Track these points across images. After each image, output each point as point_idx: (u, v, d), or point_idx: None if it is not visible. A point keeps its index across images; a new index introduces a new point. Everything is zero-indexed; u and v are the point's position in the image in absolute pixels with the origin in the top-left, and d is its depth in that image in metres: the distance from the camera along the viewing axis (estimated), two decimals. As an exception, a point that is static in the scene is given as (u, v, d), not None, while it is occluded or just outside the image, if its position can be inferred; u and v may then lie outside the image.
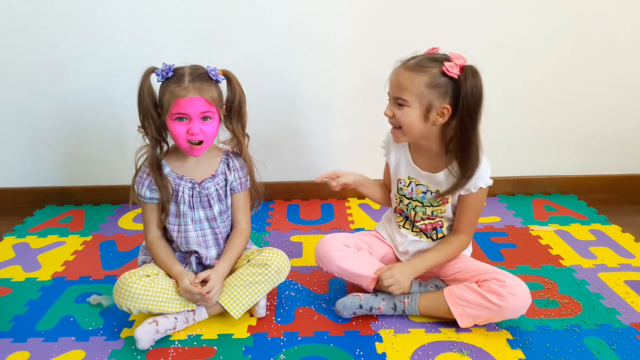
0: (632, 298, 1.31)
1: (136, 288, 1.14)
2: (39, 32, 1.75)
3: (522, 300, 1.12)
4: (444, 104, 1.10)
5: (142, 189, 1.25)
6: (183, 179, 1.25)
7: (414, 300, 1.23)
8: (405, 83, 1.11)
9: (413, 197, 1.26)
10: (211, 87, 1.17)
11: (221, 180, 1.28)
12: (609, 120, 1.91)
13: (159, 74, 1.16)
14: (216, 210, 1.28)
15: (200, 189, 1.25)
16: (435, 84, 1.09)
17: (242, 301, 1.20)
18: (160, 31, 1.74)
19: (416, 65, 1.10)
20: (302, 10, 1.72)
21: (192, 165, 1.27)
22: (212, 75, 1.18)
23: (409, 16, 1.71)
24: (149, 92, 1.17)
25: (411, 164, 1.25)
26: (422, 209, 1.26)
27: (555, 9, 1.75)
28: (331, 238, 1.30)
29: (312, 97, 1.85)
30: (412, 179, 1.26)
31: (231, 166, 1.29)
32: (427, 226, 1.27)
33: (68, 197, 1.99)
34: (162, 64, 1.18)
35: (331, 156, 1.94)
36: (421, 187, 1.24)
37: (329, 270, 1.28)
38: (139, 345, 1.13)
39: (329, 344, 1.16)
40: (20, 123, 1.88)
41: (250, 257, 1.25)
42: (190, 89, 1.14)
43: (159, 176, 1.22)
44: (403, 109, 1.13)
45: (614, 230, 1.69)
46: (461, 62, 1.08)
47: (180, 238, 1.27)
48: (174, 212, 1.26)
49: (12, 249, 1.66)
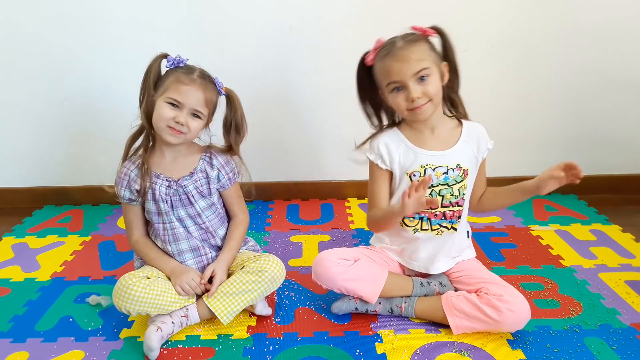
0: (633, 298, 1.30)
1: (136, 290, 1.13)
2: (39, 33, 1.75)
3: (519, 316, 1.12)
4: (443, 62, 1.17)
5: (122, 190, 1.24)
6: (160, 177, 1.24)
7: (410, 305, 1.22)
8: (418, 54, 1.12)
9: (434, 183, 1.22)
10: (213, 92, 1.23)
11: (200, 177, 1.26)
12: (609, 120, 1.91)
13: (170, 61, 1.20)
14: (199, 207, 1.26)
15: (177, 187, 1.24)
16: (431, 47, 1.16)
17: (233, 308, 1.19)
18: (161, 31, 1.74)
19: (410, 40, 1.14)
20: (302, 10, 1.72)
21: (169, 163, 1.25)
22: (218, 85, 1.23)
23: (410, 16, 1.71)
24: (154, 73, 1.20)
25: (420, 151, 1.22)
26: (449, 189, 1.22)
27: (555, 9, 1.75)
28: (328, 254, 1.24)
29: (311, 96, 1.85)
30: (427, 165, 1.21)
31: (215, 164, 1.27)
32: (455, 213, 1.23)
33: (67, 197, 1.99)
34: (177, 55, 1.21)
35: (331, 156, 1.94)
36: (440, 169, 1.21)
37: (328, 287, 1.22)
38: (152, 356, 1.11)
39: (329, 345, 1.15)
40: (19, 123, 1.87)
41: (246, 263, 1.23)
42: (196, 82, 1.18)
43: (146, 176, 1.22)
44: (427, 80, 1.13)
45: (614, 230, 1.69)
46: (427, 27, 1.17)
47: (167, 236, 1.26)
48: (155, 210, 1.24)
49: (11, 249, 1.65)
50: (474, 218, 1.79)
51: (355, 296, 1.22)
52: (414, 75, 1.11)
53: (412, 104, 1.13)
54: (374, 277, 1.22)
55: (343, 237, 1.69)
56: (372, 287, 1.20)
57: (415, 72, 1.11)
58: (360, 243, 1.63)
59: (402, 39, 1.14)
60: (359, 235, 1.70)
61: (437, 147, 1.22)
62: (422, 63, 1.11)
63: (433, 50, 1.17)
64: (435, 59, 1.15)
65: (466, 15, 1.73)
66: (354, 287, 1.20)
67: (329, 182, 2.00)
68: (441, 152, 1.21)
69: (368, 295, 1.20)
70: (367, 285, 1.20)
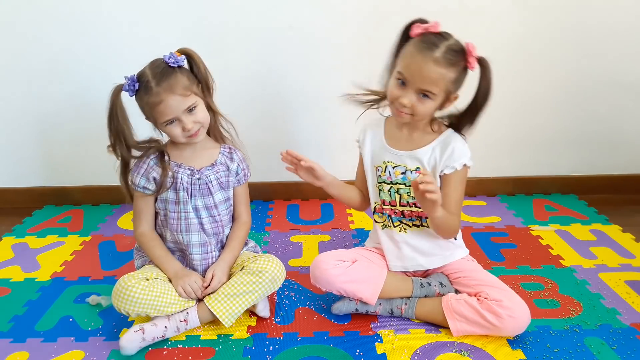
0: (633, 298, 1.30)
1: (135, 292, 1.13)
2: (39, 33, 1.75)
3: (519, 322, 1.12)
4: (457, 93, 1.14)
5: (137, 177, 1.24)
6: (182, 166, 1.25)
7: (411, 307, 1.22)
8: (436, 79, 1.09)
9: (393, 181, 1.24)
10: (178, 77, 1.16)
11: (221, 169, 1.28)
12: (609, 120, 1.91)
13: (127, 90, 1.16)
14: (217, 199, 1.28)
15: (200, 176, 1.25)
16: (459, 79, 1.12)
17: (234, 310, 1.19)
18: (161, 31, 1.74)
19: (444, 59, 1.08)
20: (302, 9, 1.72)
21: (190, 155, 1.27)
22: (172, 63, 1.17)
23: (410, 16, 1.70)
24: (120, 112, 1.16)
25: (387, 148, 1.25)
26: (406, 189, 1.23)
27: (557, 10, 1.75)
28: (325, 256, 1.24)
29: (311, 96, 1.85)
30: (388, 162, 1.24)
31: (235, 158, 1.31)
32: (413, 213, 1.25)
33: (67, 197, 1.99)
34: (124, 77, 1.16)
35: (331, 156, 1.93)
36: (399, 168, 1.23)
37: (327, 290, 1.23)
38: (123, 353, 1.12)
39: (329, 345, 1.15)
40: (19, 123, 1.87)
41: (245, 264, 1.23)
42: (161, 93, 1.13)
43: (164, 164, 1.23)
44: (424, 101, 1.12)
45: (614, 230, 1.69)
46: (476, 55, 1.10)
47: (180, 225, 1.26)
48: (173, 199, 1.25)
49: (11, 249, 1.65)
50: (475, 218, 1.79)
51: (354, 298, 1.22)
52: (419, 89, 1.11)
53: (398, 104, 1.14)
54: (373, 278, 1.22)
55: (343, 237, 1.69)
56: (371, 289, 1.20)
57: (422, 88, 1.10)
58: (360, 243, 1.62)
59: (443, 52, 1.08)
60: (359, 235, 1.70)
61: (405, 147, 1.23)
62: (433, 87, 1.09)
63: (458, 81, 1.12)
64: (450, 88, 1.12)
65: (468, 17, 1.73)
66: (353, 289, 1.20)
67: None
68: (404, 152, 1.23)
69: (367, 297, 1.20)
70: (366, 286, 1.20)
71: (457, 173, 1.19)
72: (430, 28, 1.12)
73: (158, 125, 1.20)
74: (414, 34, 1.14)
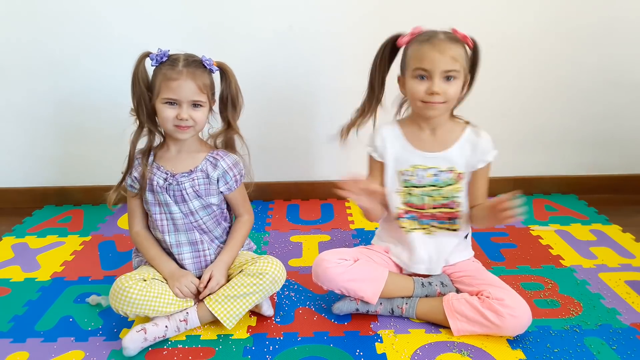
0: (633, 298, 1.30)
1: (132, 292, 1.13)
2: (38, 32, 1.75)
3: (521, 321, 1.12)
4: (468, 73, 1.17)
5: (127, 175, 1.24)
6: (160, 169, 1.24)
7: (412, 306, 1.22)
8: (454, 55, 1.11)
9: (424, 184, 1.23)
10: (204, 75, 1.18)
11: (199, 177, 1.23)
12: (609, 120, 1.91)
13: (153, 59, 1.17)
14: (194, 205, 1.24)
15: (173, 181, 1.22)
16: (467, 55, 1.15)
17: (236, 311, 1.18)
18: (161, 31, 1.74)
19: (449, 38, 1.12)
20: (302, 9, 1.72)
21: (173, 156, 1.25)
22: (207, 64, 1.19)
23: (410, 16, 1.71)
24: (142, 76, 1.17)
25: (413, 150, 1.23)
26: (438, 191, 1.23)
27: (557, 8, 1.75)
28: (328, 254, 1.24)
29: (311, 96, 1.85)
30: (417, 166, 1.23)
31: (221, 165, 1.25)
32: (444, 215, 1.24)
33: (67, 197, 1.99)
34: (158, 49, 1.18)
35: (331, 156, 1.93)
36: (430, 170, 1.22)
37: (329, 288, 1.23)
38: (126, 353, 1.11)
39: (329, 345, 1.15)
40: (19, 123, 1.87)
41: (244, 266, 1.22)
42: (183, 73, 1.14)
43: (145, 162, 1.23)
44: (451, 82, 1.12)
45: (614, 230, 1.69)
46: (467, 35, 1.15)
47: (164, 226, 1.25)
48: (152, 201, 1.24)
49: (11, 249, 1.65)
50: (474, 218, 1.79)
51: (356, 297, 1.22)
52: (444, 71, 1.11)
53: (429, 97, 1.13)
54: (375, 277, 1.21)
55: (343, 237, 1.69)
56: (372, 288, 1.20)
57: (447, 69, 1.11)
58: (360, 243, 1.63)
59: (444, 34, 1.13)
60: (359, 235, 1.70)
61: (433, 147, 1.22)
62: (455, 64, 1.11)
63: (467, 58, 1.16)
64: (465, 67, 1.14)
65: (470, 16, 1.72)
66: (355, 288, 1.20)
67: (329, 182, 2.00)
68: (435, 154, 1.22)
69: (369, 296, 1.20)
70: (368, 285, 1.20)
71: (488, 164, 1.22)
72: (416, 31, 1.16)
73: (157, 99, 1.16)
74: (402, 42, 1.17)
